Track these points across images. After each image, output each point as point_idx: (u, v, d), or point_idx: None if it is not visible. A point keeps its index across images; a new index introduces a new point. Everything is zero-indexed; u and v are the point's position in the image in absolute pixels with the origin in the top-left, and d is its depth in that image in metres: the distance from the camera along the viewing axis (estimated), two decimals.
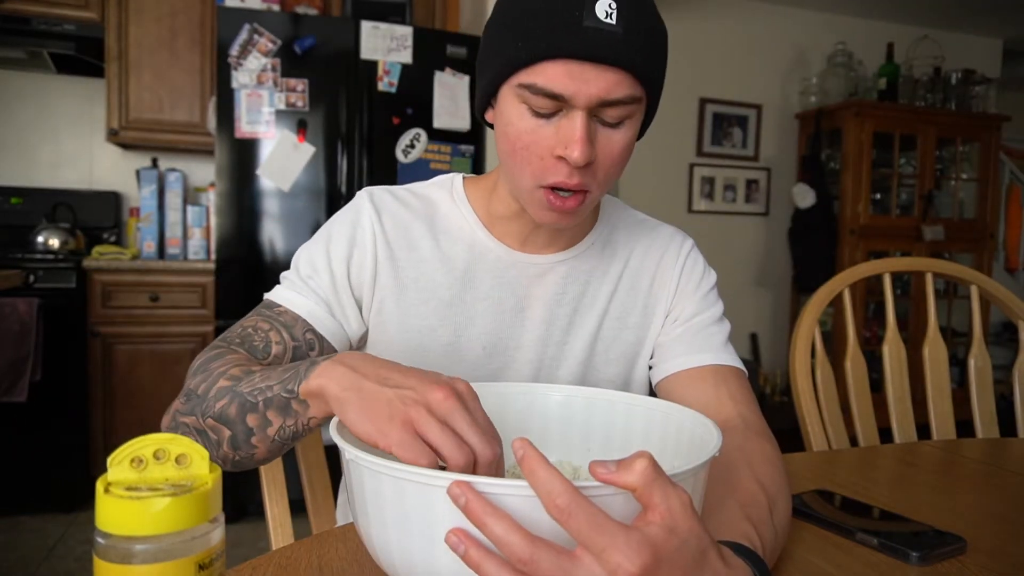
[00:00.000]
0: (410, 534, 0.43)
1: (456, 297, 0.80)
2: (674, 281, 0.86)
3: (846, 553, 0.58)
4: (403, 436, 0.48)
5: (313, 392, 0.56)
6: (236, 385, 0.62)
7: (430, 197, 0.84)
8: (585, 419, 0.67)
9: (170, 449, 0.36)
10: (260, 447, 0.61)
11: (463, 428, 0.49)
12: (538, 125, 0.68)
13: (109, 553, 0.33)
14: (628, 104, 0.67)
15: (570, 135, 0.66)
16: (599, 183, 0.71)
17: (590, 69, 0.64)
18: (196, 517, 0.34)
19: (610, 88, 0.65)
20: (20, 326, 2.33)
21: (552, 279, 0.82)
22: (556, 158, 0.68)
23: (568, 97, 0.65)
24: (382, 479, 0.43)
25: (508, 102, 0.69)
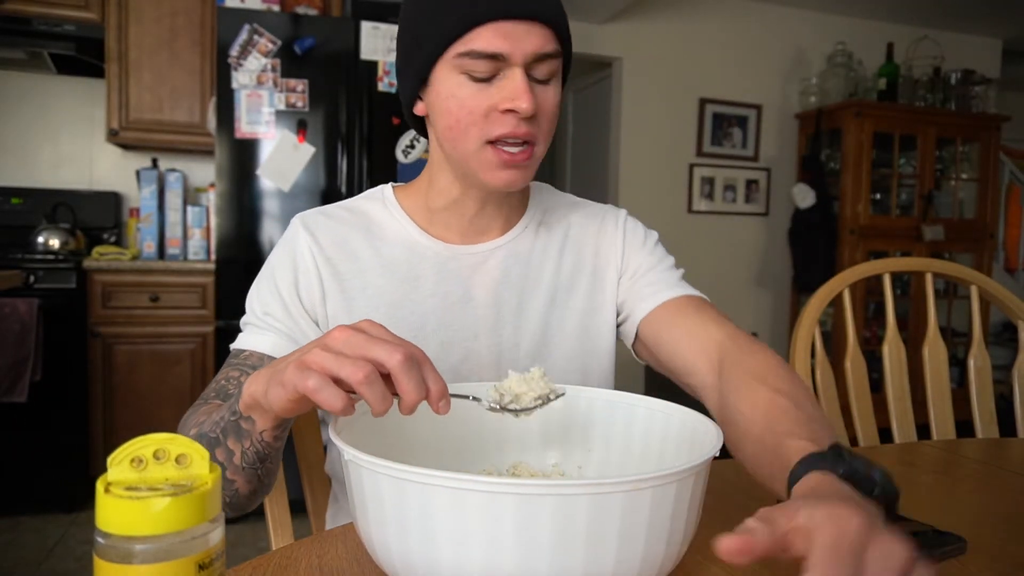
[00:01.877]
0: (409, 533, 0.43)
1: (404, 298, 0.81)
2: (618, 245, 0.89)
3: None
4: (302, 377, 0.48)
5: (249, 404, 0.58)
6: (201, 428, 0.65)
7: (362, 209, 0.85)
8: (586, 420, 0.67)
9: (170, 449, 0.35)
10: (237, 479, 0.63)
11: (362, 347, 0.49)
12: (479, 89, 0.72)
13: (109, 553, 0.33)
14: (555, 58, 0.73)
15: (514, 89, 0.70)
16: (543, 134, 0.75)
17: (521, 27, 0.70)
18: (196, 517, 0.34)
19: (542, 43, 0.71)
20: (20, 326, 2.33)
21: (493, 264, 0.84)
22: (502, 113, 0.71)
23: (507, 55, 0.70)
24: (381, 479, 0.43)
25: (445, 77, 0.73)
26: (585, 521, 0.41)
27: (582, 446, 0.67)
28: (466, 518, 0.41)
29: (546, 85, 0.74)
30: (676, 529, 0.45)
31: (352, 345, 0.49)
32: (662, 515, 0.44)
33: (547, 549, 0.41)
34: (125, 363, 2.60)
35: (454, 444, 0.65)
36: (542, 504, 0.40)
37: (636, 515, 0.42)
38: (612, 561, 0.42)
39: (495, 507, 0.40)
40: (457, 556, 0.42)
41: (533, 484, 0.40)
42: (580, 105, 4.62)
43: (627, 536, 0.42)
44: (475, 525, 0.41)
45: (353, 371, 0.47)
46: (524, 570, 0.41)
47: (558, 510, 0.40)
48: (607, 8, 3.55)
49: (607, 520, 0.41)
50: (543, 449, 0.68)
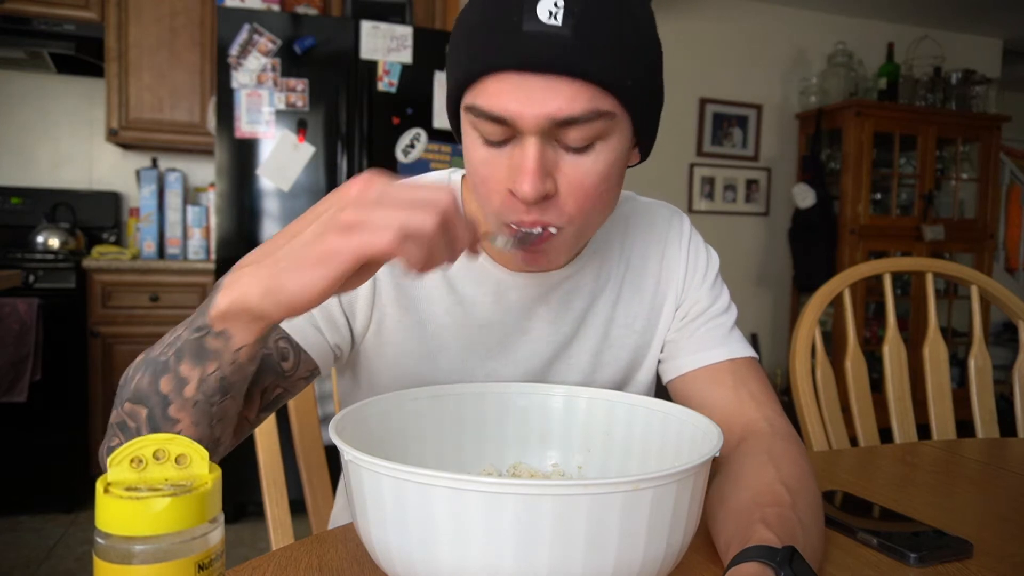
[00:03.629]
0: (409, 534, 0.43)
1: (457, 322, 0.73)
2: (680, 272, 0.81)
3: (847, 553, 0.58)
4: (357, 236, 0.42)
5: (229, 312, 0.47)
6: (148, 354, 0.53)
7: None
8: (586, 420, 0.67)
9: (170, 449, 0.35)
10: (182, 418, 0.50)
11: (406, 193, 0.44)
12: (491, 155, 0.59)
13: (109, 553, 0.33)
14: (592, 121, 0.56)
15: (519, 165, 0.57)
16: (569, 218, 0.60)
17: (536, 82, 0.54)
18: (196, 517, 0.34)
19: (563, 104, 0.54)
20: (20, 326, 2.33)
21: (555, 297, 0.75)
22: (509, 192, 0.59)
23: (512, 119, 0.55)
24: (381, 479, 0.43)
25: (464, 127, 0.61)
26: (585, 521, 0.41)
27: (582, 446, 0.67)
28: (467, 518, 0.41)
29: (581, 154, 0.58)
30: (676, 529, 0.45)
31: (391, 194, 0.43)
32: (662, 515, 0.44)
33: (547, 549, 0.41)
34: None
35: (453, 444, 0.65)
36: (543, 504, 0.40)
37: (636, 515, 0.42)
38: (612, 561, 0.42)
39: (496, 507, 0.40)
40: (457, 556, 0.42)
41: (534, 484, 0.40)
42: None
43: (627, 536, 0.42)
44: (476, 525, 0.41)
45: (424, 217, 0.42)
46: (524, 570, 0.41)
47: (559, 510, 0.40)
48: None
49: (608, 520, 0.41)
50: (543, 449, 0.67)
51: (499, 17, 0.54)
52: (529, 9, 0.53)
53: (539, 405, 0.68)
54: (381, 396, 0.60)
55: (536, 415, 0.67)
